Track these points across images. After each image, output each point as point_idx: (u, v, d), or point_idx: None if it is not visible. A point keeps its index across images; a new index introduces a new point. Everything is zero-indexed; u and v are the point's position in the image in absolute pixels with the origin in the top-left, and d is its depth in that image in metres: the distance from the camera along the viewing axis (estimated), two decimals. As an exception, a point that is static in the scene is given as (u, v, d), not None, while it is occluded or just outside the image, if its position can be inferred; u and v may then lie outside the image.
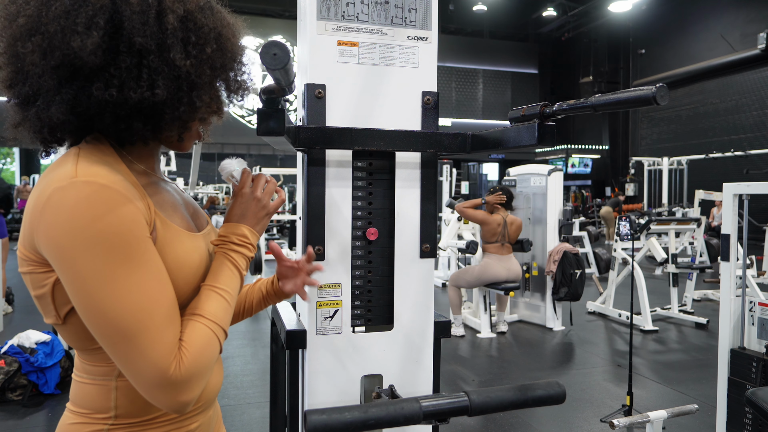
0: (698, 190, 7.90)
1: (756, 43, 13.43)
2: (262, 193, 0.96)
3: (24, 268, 0.78)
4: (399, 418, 0.92)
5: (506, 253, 4.89)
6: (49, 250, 0.72)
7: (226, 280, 0.86)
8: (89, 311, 0.72)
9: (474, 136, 1.32)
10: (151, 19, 0.76)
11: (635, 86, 10.31)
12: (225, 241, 0.91)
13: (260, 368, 4.03)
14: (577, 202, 18.24)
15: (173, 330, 0.76)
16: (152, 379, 0.73)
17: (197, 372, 0.76)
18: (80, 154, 0.77)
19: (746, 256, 2.83)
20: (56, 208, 0.70)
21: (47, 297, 0.77)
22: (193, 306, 0.82)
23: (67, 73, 0.74)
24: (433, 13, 1.30)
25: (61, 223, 0.70)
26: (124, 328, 0.72)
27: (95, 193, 0.71)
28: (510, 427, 3.09)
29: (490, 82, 21.04)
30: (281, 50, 0.79)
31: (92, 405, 0.83)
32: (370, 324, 1.34)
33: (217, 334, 0.81)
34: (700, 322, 5.38)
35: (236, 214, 0.94)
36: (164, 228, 0.81)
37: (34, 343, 3.53)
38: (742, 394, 2.50)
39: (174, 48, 0.77)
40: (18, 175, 18.94)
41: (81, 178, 0.71)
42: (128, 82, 0.75)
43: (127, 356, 0.73)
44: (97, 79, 0.74)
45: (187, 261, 0.84)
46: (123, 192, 0.73)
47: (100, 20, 0.73)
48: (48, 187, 0.72)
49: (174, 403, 0.75)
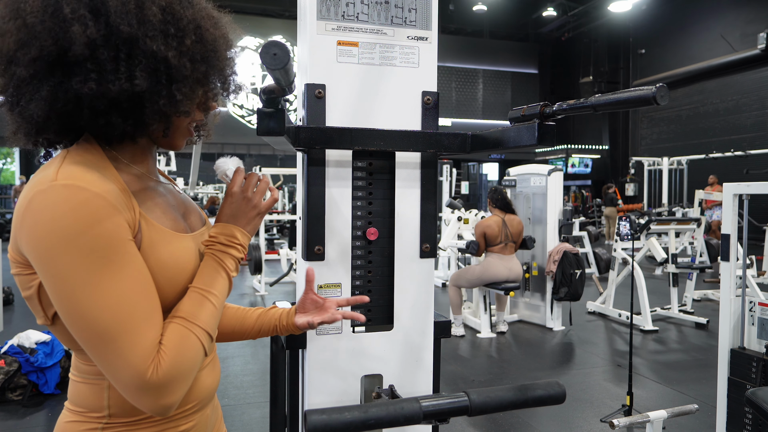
0: (698, 190, 7.90)
1: (756, 43, 13.42)
2: (253, 193, 0.95)
3: (13, 270, 0.78)
4: (399, 418, 0.92)
5: (509, 252, 4.90)
6: (30, 253, 0.73)
7: (213, 282, 0.85)
8: (68, 313, 0.72)
9: (474, 136, 1.32)
10: (131, 8, 0.75)
11: (635, 86, 10.31)
12: (214, 242, 0.90)
13: (260, 368, 4.03)
14: (577, 202, 18.24)
15: (153, 333, 0.75)
16: (130, 382, 0.73)
17: (177, 375, 0.75)
18: (66, 156, 0.77)
19: (746, 256, 2.83)
20: (36, 211, 0.71)
21: (34, 298, 0.78)
22: (176, 308, 0.82)
23: (44, 67, 0.74)
24: (433, 13, 1.30)
25: (40, 227, 0.70)
26: (101, 330, 0.72)
27: (74, 196, 0.71)
28: (510, 427, 3.09)
29: (490, 82, 21.03)
30: (281, 50, 0.79)
31: (87, 404, 0.83)
32: (370, 324, 1.34)
33: (200, 337, 0.80)
34: (700, 322, 5.38)
35: (226, 215, 0.93)
36: (149, 229, 0.80)
37: (34, 343, 3.53)
38: (742, 394, 2.50)
39: (155, 39, 0.76)
40: (18, 175, 18.93)
41: (60, 181, 0.72)
42: (107, 74, 0.74)
43: (105, 358, 0.73)
44: (76, 72, 0.74)
45: (172, 262, 0.83)
46: (102, 194, 0.73)
47: (84, 11, 0.73)
48: (30, 191, 0.73)
49: (154, 406, 0.75)
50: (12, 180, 19.39)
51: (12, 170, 21.69)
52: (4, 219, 12.77)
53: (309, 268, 1.14)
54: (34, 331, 3.67)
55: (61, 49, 0.73)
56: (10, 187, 16.75)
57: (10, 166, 22.52)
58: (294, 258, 6.92)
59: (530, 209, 5.52)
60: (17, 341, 3.56)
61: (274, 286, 7.02)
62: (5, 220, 12.72)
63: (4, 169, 22.60)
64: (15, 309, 5.71)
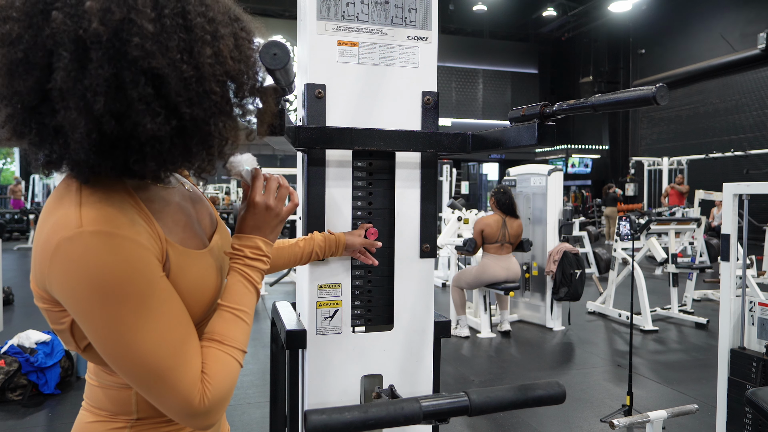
0: (698, 190, 7.90)
1: (756, 43, 13.42)
2: (275, 200, 0.92)
3: (39, 304, 0.78)
4: (399, 418, 0.92)
5: (505, 253, 4.87)
6: (65, 302, 0.72)
7: (242, 299, 0.86)
8: (113, 358, 0.73)
9: (474, 136, 1.32)
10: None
11: (635, 86, 10.31)
12: (239, 256, 0.89)
13: (260, 368, 4.03)
14: (577, 202, 18.24)
15: (196, 362, 0.77)
16: (181, 411, 0.75)
17: (221, 399, 0.78)
18: (82, 187, 0.74)
19: (746, 256, 2.83)
20: (66, 260, 0.69)
21: (66, 332, 0.78)
22: (210, 330, 0.82)
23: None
24: (433, 13, 1.30)
25: (73, 277, 0.69)
26: (148, 371, 0.73)
27: (104, 244, 0.69)
28: (510, 427, 3.09)
29: (490, 82, 21.02)
30: (281, 50, 0.79)
31: (113, 408, 0.84)
32: (370, 324, 1.34)
33: (237, 358, 0.82)
34: (700, 322, 5.38)
35: (249, 226, 0.91)
36: (176, 255, 0.80)
37: (34, 343, 3.53)
38: (742, 394, 2.50)
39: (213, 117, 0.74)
40: (18, 175, 18.93)
41: (87, 228, 0.69)
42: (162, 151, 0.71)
43: (155, 393, 0.75)
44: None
45: (201, 283, 0.83)
46: (131, 237, 0.72)
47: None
48: (54, 234, 0.70)
49: (202, 426, 0.78)
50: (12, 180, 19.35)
51: (12, 170, 21.69)
52: (3, 219, 12.78)
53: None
54: (34, 331, 3.67)
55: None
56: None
57: (10, 166, 22.53)
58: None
59: (530, 209, 5.52)
60: (17, 341, 3.56)
61: (274, 286, 7.02)
62: (5, 220, 12.73)
63: (4, 169, 22.61)
64: (15, 309, 5.71)
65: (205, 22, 0.71)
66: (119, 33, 0.64)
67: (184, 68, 0.68)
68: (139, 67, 0.65)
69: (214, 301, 0.87)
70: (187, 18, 0.69)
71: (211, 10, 0.72)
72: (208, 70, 0.70)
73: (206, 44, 0.70)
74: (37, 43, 0.65)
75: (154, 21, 0.66)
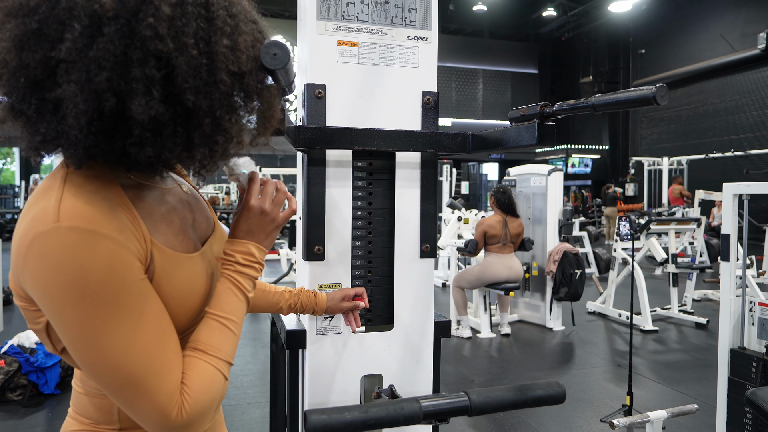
0: (698, 190, 7.90)
1: (756, 43, 13.42)
2: (271, 205, 0.88)
3: (17, 302, 0.76)
4: (399, 418, 0.92)
5: (508, 252, 4.88)
6: (38, 299, 0.69)
7: (231, 307, 0.81)
8: (85, 363, 0.69)
9: (474, 136, 1.32)
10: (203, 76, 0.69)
11: (635, 86, 10.31)
12: (230, 261, 0.84)
13: (260, 368, 4.03)
14: (577, 202, 18.24)
15: (175, 372, 0.72)
16: (156, 424, 0.71)
17: (200, 413, 0.73)
18: (66, 180, 0.70)
19: (746, 256, 2.83)
20: (39, 257, 0.65)
21: (42, 333, 0.76)
22: (194, 338, 0.78)
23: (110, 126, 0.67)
24: (433, 13, 1.30)
25: (46, 275, 0.66)
26: (122, 378, 0.69)
27: (80, 241, 0.65)
28: (510, 427, 3.09)
29: (490, 82, 21.03)
30: (281, 50, 0.79)
31: (96, 417, 0.81)
32: (370, 324, 1.34)
33: (221, 369, 0.77)
34: (700, 322, 5.38)
35: (242, 230, 0.86)
36: (162, 257, 0.76)
37: (34, 343, 3.53)
38: (742, 394, 2.50)
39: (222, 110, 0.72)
40: (18, 175, 18.94)
41: (64, 222, 0.65)
42: (165, 140, 0.69)
43: (129, 403, 0.71)
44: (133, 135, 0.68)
45: (185, 288, 0.79)
46: (110, 234, 0.67)
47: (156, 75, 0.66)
48: (31, 229, 0.66)
49: None
50: (12, 180, 19.38)
51: (12, 170, 21.69)
52: (4, 219, 12.79)
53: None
54: (34, 331, 3.67)
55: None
56: (11, 187, 16.75)
57: (10, 166, 22.53)
58: (294, 258, 6.92)
59: (530, 209, 5.52)
60: (17, 341, 3.56)
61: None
62: (5, 220, 12.74)
63: (4, 169, 22.60)
64: (15, 309, 5.71)
65: (227, 16, 0.71)
66: (137, 12, 0.64)
67: (196, 55, 0.67)
68: (147, 47, 0.64)
69: (202, 308, 0.82)
70: (210, 9, 0.69)
71: (234, 6, 0.73)
72: (221, 61, 0.69)
73: (225, 36, 0.70)
74: (53, 14, 0.63)
75: (174, 6, 0.66)
